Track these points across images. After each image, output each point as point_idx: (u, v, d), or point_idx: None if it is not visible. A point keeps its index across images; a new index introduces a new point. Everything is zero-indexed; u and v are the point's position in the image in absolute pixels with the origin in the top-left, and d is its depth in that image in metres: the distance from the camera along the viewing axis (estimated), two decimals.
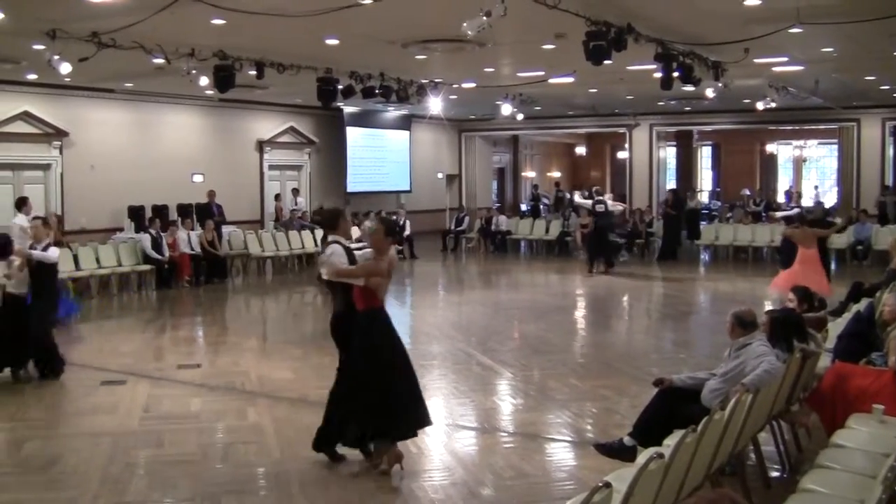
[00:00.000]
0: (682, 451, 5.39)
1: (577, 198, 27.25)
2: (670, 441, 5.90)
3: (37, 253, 11.93)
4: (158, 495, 7.49)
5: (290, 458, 8.34)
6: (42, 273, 12.04)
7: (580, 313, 18.81)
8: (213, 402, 10.57)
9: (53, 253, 12.21)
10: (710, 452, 6.13)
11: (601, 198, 24.36)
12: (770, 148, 43.93)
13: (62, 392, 11.46)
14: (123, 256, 21.02)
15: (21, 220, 16.84)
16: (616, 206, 25.54)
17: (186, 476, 7.87)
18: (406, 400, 8.07)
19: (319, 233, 25.67)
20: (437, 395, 11.01)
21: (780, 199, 38.66)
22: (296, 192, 29.32)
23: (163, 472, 7.99)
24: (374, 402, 7.87)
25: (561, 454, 8.70)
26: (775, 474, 7.85)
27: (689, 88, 18.32)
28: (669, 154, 38.52)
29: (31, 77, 21.05)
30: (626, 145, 35.37)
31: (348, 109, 30.60)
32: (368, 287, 7.87)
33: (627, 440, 7.70)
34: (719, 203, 40.14)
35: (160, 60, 16.26)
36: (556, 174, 45.87)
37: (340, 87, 19.46)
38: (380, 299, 8.06)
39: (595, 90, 25.19)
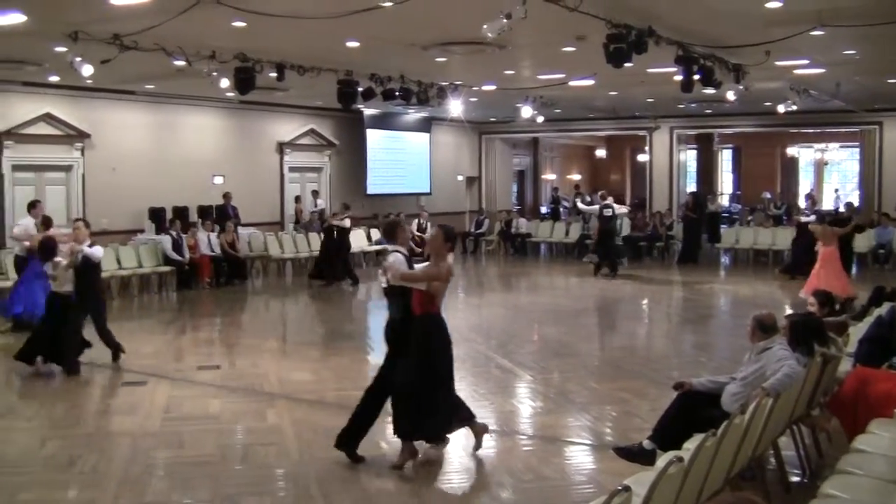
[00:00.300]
0: (701, 456, 5.37)
1: (580, 204, 27.22)
2: (690, 445, 5.87)
3: (86, 248, 12.53)
4: (178, 496, 7.51)
5: (309, 460, 8.36)
6: (86, 272, 12.64)
7: (600, 316, 18.78)
8: (233, 404, 10.60)
9: (98, 251, 12.84)
10: (729, 457, 6.11)
11: (607, 202, 24.29)
12: (791, 151, 43.69)
13: (83, 392, 11.53)
14: (144, 258, 21.14)
15: (27, 222, 16.96)
16: (621, 210, 25.55)
17: (206, 477, 7.90)
18: (448, 404, 8.30)
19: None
20: None
21: (801, 202, 38.44)
22: (315, 193, 29.36)
23: (182, 473, 8.02)
24: (421, 403, 8.06)
25: (580, 457, 8.68)
26: (796, 479, 7.81)
27: (710, 91, 18.28)
28: (690, 157, 38.35)
29: (54, 79, 21.15)
30: (647, 148, 35.26)
31: (368, 111, 30.62)
32: (429, 292, 8.12)
33: (647, 444, 7.68)
34: (740, 206, 39.99)
35: (181, 62, 16.33)
36: (577, 177, 45.77)
37: (361, 89, 19.50)
38: (437, 305, 8.30)
39: (615, 92, 25.14)
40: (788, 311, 12.92)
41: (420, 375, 8.09)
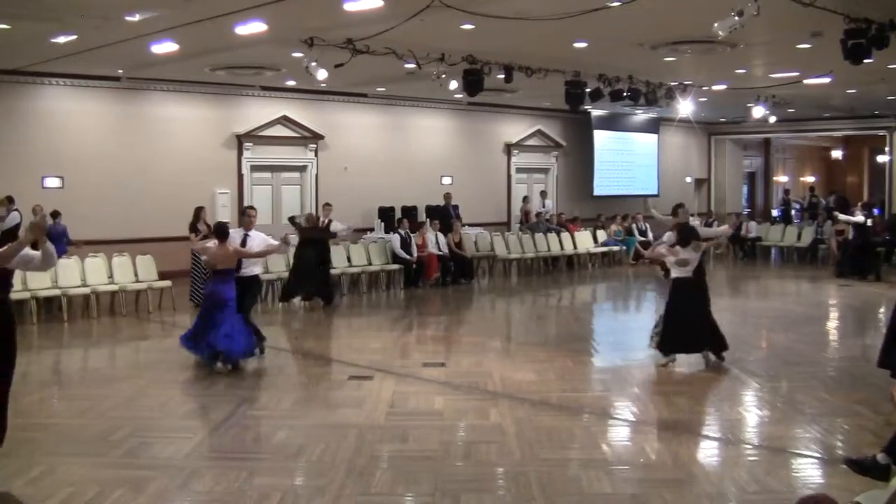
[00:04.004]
0: None
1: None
2: None
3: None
4: (401, 489, 7.64)
5: (531, 460, 8.37)
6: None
7: (833, 324, 18.05)
8: (456, 401, 10.72)
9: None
10: None
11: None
12: None
13: (312, 385, 11.93)
14: (373, 255, 21.70)
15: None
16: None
17: (428, 472, 8.01)
18: None
19: (566, 236, 25.86)
20: (681, 404, 10.84)
21: None
22: (544, 194, 29.46)
23: (406, 467, 8.16)
24: None
25: (808, 470, 8.35)
26: None
27: None
28: None
29: (290, 83, 22.06)
30: (887, 148, 33.71)
31: (596, 112, 30.54)
32: None
33: (881, 457, 7.31)
34: None
35: (411, 65, 16.70)
36: (810, 179, 44.24)
37: (588, 90, 19.46)
38: None
39: (853, 91, 24.18)
40: None
41: None
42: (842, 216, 24.46)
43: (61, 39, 15.47)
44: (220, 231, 12.79)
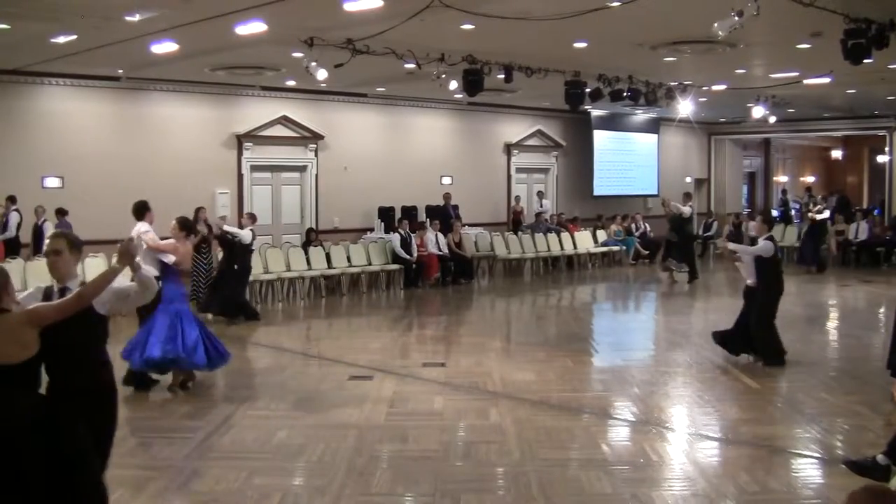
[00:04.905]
0: None
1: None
2: None
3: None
4: (401, 489, 7.65)
5: (530, 459, 8.37)
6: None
7: (833, 324, 18.04)
8: (456, 401, 10.72)
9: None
10: None
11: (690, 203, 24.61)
12: None
13: (312, 385, 11.91)
14: (373, 255, 21.71)
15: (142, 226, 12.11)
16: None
17: (428, 472, 8.01)
18: None
19: (566, 236, 25.87)
20: (681, 404, 10.84)
21: None
22: (541, 194, 29.45)
23: (405, 467, 8.16)
24: None
25: (808, 471, 8.35)
26: None
27: None
28: None
29: (290, 83, 22.04)
30: (887, 148, 33.68)
31: (596, 112, 30.52)
32: None
33: (881, 458, 7.30)
34: None
35: (411, 65, 16.70)
36: (810, 179, 44.20)
37: (588, 90, 19.45)
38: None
39: (853, 91, 24.16)
40: None
41: None
42: (812, 214, 24.79)
43: (61, 39, 15.45)
44: (189, 225, 11.81)
